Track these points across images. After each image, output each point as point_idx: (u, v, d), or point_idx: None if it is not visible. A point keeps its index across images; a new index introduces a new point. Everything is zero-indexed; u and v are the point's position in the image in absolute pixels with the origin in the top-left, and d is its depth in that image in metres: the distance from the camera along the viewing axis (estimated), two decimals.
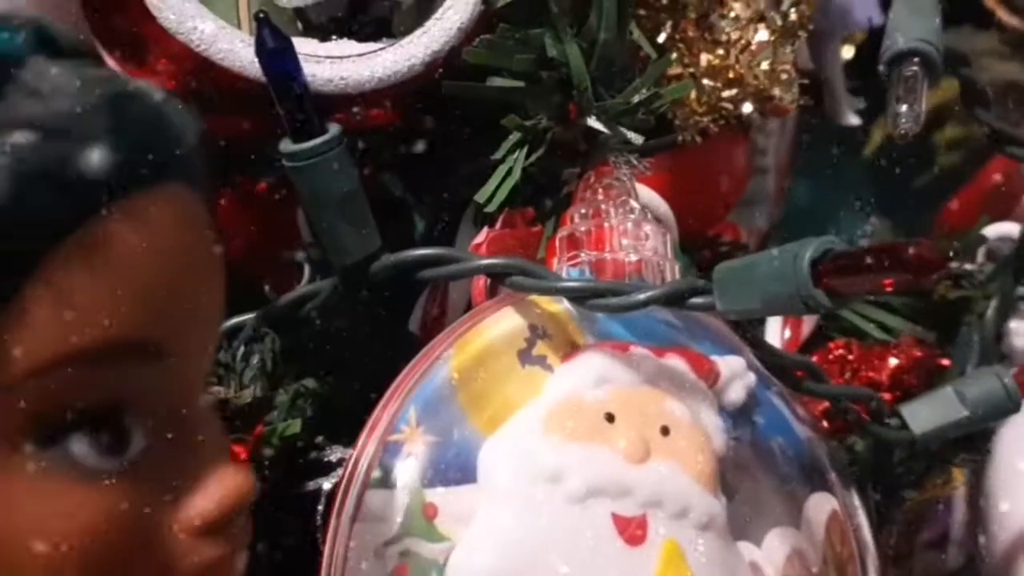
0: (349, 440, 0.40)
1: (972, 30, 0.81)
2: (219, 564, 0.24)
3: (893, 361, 0.48)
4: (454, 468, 0.35)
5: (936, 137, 0.84)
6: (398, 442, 0.34)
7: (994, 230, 0.56)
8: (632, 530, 0.35)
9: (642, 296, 0.35)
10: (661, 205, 0.49)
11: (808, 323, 0.52)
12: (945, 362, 0.48)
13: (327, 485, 0.41)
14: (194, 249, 0.24)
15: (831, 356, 0.50)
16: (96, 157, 0.22)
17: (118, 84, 0.24)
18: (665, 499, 0.36)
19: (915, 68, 0.36)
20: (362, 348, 0.43)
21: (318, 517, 0.39)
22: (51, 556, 0.22)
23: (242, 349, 0.39)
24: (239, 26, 0.39)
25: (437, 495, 0.34)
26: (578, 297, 0.36)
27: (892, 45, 0.37)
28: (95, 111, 0.22)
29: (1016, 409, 0.42)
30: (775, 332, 0.52)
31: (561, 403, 0.37)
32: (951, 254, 0.27)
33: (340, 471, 0.39)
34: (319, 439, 0.42)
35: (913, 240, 0.27)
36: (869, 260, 0.29)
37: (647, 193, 0.48)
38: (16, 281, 0.21)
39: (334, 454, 0.42)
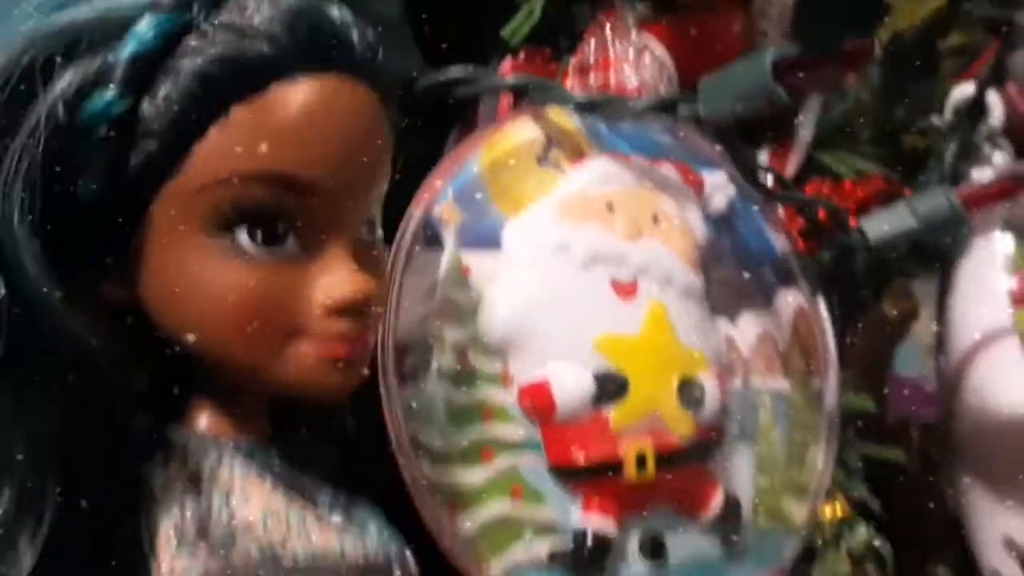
0: None
1: None
2: (345, 336, 0.34)
3: (861, 193, 0.55)
4: (484, 239, 0.43)
5: (940, 44, 0.89)
6: (439, 215, 0.42)
7: (962, 91, 0.63)
8: (625, 291, 0.43)
9: (639, 105, 0.43)
10: (665, 56, 0.56)
11: (791, 164, 0.60)
12: (907, 192, 0.55)
13: None
14: (353, 127, 0.33)
15: (808, 191, 0.57)
16: (271, 48, 0.32)
17: (302, 5, 0.33)
18: (653, 269, 0.44)
19: None
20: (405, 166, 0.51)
21: None
22: (220, 308, 0.32)
23: None
24: None
25: (470, 257, 0.42)
26: (586, 107, 0.44)
27: None
28: (276, 20, 0.32)
29: (960, 222, 0.50)
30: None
31: (571, 195, 0.45)
32: (876, 45, 0.35)
33: None
34: None
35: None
36: (817, 58, 0.37)
37: (658, 48, 0.56)
38: (220, 113, 0.31)
39: None
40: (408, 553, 0.35)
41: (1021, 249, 0.65)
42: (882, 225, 0.49)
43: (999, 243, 0.63)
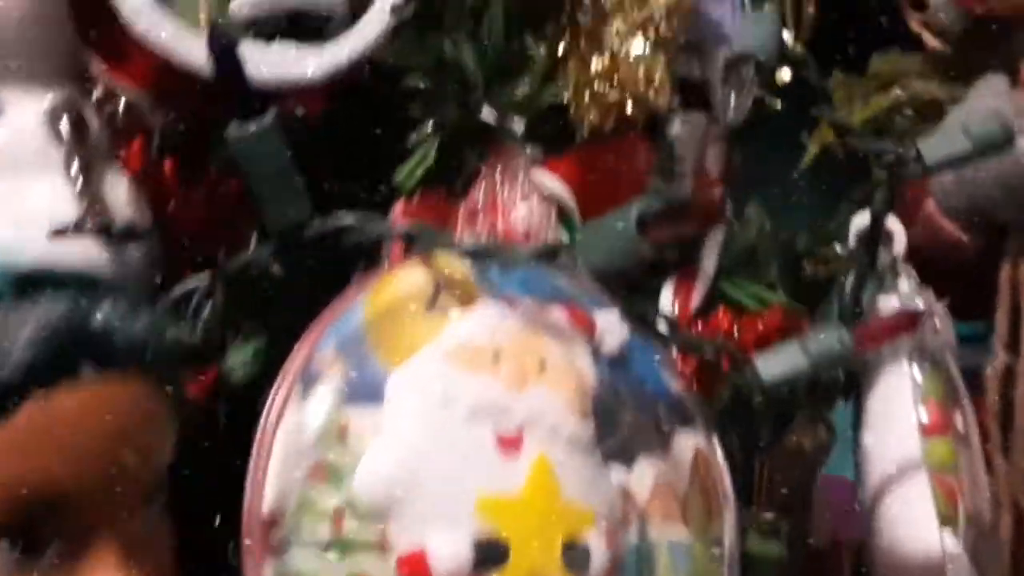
0: None
1: (899, 52, 0.90)
2: None
3: (761, 326, 0.55)
4: (365, 393, 0.42)
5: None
6: (318, 367, 0.42)
7: (864, 219, 0.64)
8: (509, 444, 0.42)
9: (522, 253, 0.43)
10: (562, 193, 0.56)
11: (696, 297, 0.60)
12: (806, 324, 0.55)
13: None
14: (104, 430, 0.35)
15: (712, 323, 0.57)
16: (16, 374, 0.33)
17: (54, 321, 0.34)
18: (539, 420, 0.43)
19: (746, 67, 0.44)
20: (307, 304, 0.50)
21: None
22: None
23: (197, 302, 0.47)
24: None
25: (350, 413, 0.42)
26: (472, 254, 0.44)
27: (732, 50, 0.45)
28: (24, 345, 0.33)
29: (850, 360, 0.50)
30: (666, 304, 0.60)
31: (457, 346, 0.44)
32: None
33: None
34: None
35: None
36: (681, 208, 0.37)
37: (554, 184, 0.56)
38: None
39: None
40: None
41: (929, 379, 0.65)
42: (774, 365, 0.49)
43: (908, 374, 0.63)
